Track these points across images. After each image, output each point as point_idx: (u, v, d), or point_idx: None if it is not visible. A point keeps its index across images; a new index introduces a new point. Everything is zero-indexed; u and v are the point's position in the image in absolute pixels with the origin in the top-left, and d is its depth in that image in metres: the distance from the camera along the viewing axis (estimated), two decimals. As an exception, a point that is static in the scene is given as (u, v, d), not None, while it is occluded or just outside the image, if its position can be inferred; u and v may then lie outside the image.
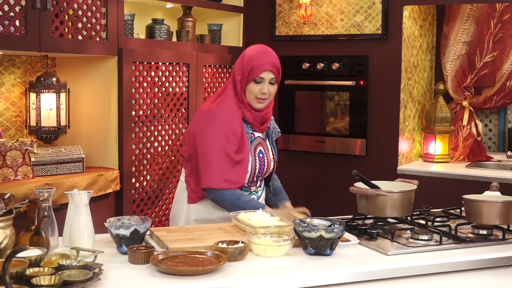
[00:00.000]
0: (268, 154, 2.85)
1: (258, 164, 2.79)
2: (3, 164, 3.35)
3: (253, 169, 2.76)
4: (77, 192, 2.15)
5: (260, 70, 2.71)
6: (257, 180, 2.83)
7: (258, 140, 2.83)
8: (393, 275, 2.09)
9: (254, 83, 2.72)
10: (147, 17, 4.30)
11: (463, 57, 4.68)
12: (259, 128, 2.82)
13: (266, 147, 2.86)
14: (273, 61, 2.75)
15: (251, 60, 2.74)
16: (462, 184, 4.11)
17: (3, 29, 3.18)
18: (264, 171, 2.83)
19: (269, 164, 2.85)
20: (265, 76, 2.72)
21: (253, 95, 2.73)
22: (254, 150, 2.78)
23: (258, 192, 2.87)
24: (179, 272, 1.90)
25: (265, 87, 2.72)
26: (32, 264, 1.84)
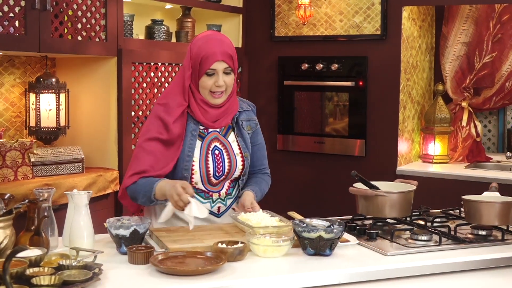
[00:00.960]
0: (230, 151, 2.55)
1: (212, 163, 2.50)
2: (2, 164, 3.35)
3: (204, 169, 2.49)
4: (77, 193, 2.16)
5: (211, 61, 2.43)
6: (219, 182, 2.54)
7: (212, 135, 2.55)
8: (392, 275, 2.09)
9: (206, 76, 2.45)
10: (147, 17, 4.30)
11: (462, 58, 4.69)
12: (213, 126, 2.54)
13: (228, 143, 2.56)
14: (225, 49, 2.45)
15: (200, 51, 2.45)
16: (461, 184, 4.11)
17: (3, 29, 3.18)
18: (225, 170, 2.53)
19: (233, 162, 2.54)
20: (218, 66, 2.44)
21: (207, 90, 2.46)
22: (208, 148, 2.52)
23: (226, 201, 2.57)
24: (178, 272, 1.90)
25: (219, 79, 2.44)
26: (32, 264, 1.84)
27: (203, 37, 2.51)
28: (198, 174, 2.49)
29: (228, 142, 2.57)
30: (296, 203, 2.87)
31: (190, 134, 2.51)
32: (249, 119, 2.66)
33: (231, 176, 2.57)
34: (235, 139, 2.59)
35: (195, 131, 2.52)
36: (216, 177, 2.52)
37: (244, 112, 2.65)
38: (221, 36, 2.53)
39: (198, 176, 2.50)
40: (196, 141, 2.51)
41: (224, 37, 2.53)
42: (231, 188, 2.60)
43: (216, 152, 2.53)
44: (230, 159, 2.55)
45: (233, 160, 2.55)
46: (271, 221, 2.36)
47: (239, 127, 2.61)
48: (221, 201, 2.57)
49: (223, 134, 2.58)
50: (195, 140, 2.51)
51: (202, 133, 2.54)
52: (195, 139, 2.51)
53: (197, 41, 2.50)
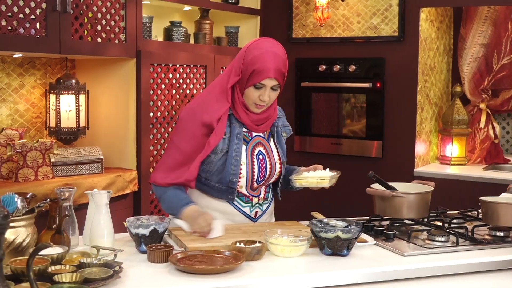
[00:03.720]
0: (272, 156, 2.55)
1: (257, 167, 2.49)
2: (23, 164, 3.40)
3: (250, 173, 2.48)
4: (98, 192, 2.19)
5: (262, 76, 2.38)
6: (258, 187, 2.55)
7: (256, 139, 2.53)
8: (409, 275, 2.09)
9: (253, 88, 2.40)
10: (165, 19, 4.34)
11: (480, 59, 4.67)
12: (257, 129, 2.52)
13: (270, 148, 2.56)
14: (279, 66, 2.39)
15: (254, 62, 2.39)
16: (479, 186, 4.10)
17: (24, 31, 3.23)
18: (266, 175, 2.53)
19: (274, 167, 2.54)
20: (267, 82, 2.39)
21: (252, 101, 2.43)
22: (252, 152, 2.50)
23: (263, 206, 2.58)
24: (197, 271, 1.92)
25: (265, 94, 2.40)
26: (53, 262, 1.88)
27: (260, 47, 2.42)
28: (245, 178, 2.48)
29: (270, 147, 2.57)
30: (313, 204, 2.89)
31: (236, 138, 2.46)
32: (284, 125, 2.66)
33: (269, 181, 2.58)
34: (275, 145, 2.59)
35: (240, 135, 2.48)
36: (258, 182, 2.52)
37: (280, 118, 2.65)
38: (277, 49, 2.43)
39: (245, 180, 2.48)
40: (241, 145, 2.48)
41: (280, 50, 2.44)
42: (267, 193, 2.60)
43: (260, 157, 2.52)
44: (271, 164, 2.54)
45: (273, 166, 2.55)
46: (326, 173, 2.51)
47: (278, 134, 2.60)
48: (259, 206, 2.57)
49: (266, 138, 2.57)
50: (240, 143, 2.47)
51: (247, 137, 2.51)
52: (241, 142, 2.48)
53: (253, 49, 2.42)
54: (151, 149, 3.95)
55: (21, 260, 1.85)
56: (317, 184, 2.50)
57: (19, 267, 1.78)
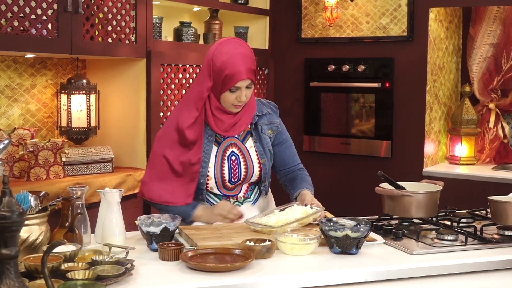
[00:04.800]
0: (247, 156, 2.57)
1: (228, 169, 2.53)
2: (35, 163, 3.44)
3: (219, 175, 2.52)
4: (109, 191, 2.21)
5: (235, 80, 2.42)
6: (235, 187, 2.58)
7: (229, 141, 2.57)
8: (418, 274, 2.11)
9: (229, 92, 2.45)
10: (175, 20, 4.37)
11: (490, 59, 4.67)
12: (230, 132, 2.56)
13: (245, 149, 2.58)
14: (249, 66, 2.44)
15: (224, 67, 2.43)
16: (488, 186, 4.10)
17: (36, 32, 3.26)
18: (241, 176, 2.55)
19: (250, 168, 2.56)
20: (241, 84, 2.44)
21: (230, 103, 2.48)
22: (223, 153, 2.54)
23: (245, 204, 2.61)
24: (208, 268, 1.94)
25: (242, 94, 2.46)
26: (66, 259, 1.91)
27: (225, 51, 2.45)
28: (213, 180, 2.54)
29: (246, 147, 2.59)
30: (322, 204, 2.88)
31: (206, 140, 2.53)
32: (270, 122, 2.65)
33: (248, 181, 2.60)
34: (252, 144, 2.60)
35: (211, 137, 2.54)
36: (231, 182, 2.56)
37: (265, 115, 2.64)
38: (243, 48, 2.47)
39: (213, 182, 2.55)
40: (212, 147, 2.54)
41: (246, 50, 2.48)
42: (249, 192, 2.64)
43: (232, 158, 2.55)
44: (247, 165, 2.57)
45: (250, 166, 2.57)
46: (294, 214, 2.41)
47: (257, 131, 2.61)
48: (239, 204, 2.61)
49: (241, 140, 2.60)
50: (211, 145, 2.54)
51: (219, 138, 2.56)
52: (211, 144, 2.54)
53: (220, 54, 2.45)
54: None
55: (34, 258, 1.88)
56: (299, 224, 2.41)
57: (33, 264, 1.81)
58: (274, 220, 2.38)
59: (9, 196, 1.42)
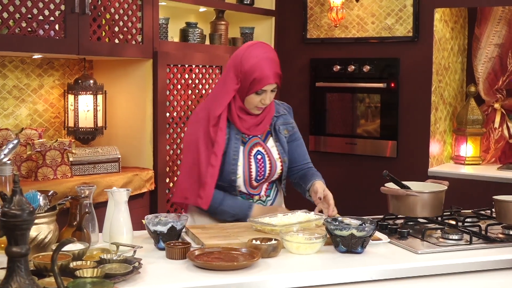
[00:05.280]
0: (271, 154, 2.66)
1: (255, 167, 2.61)
2: (42, 163, 3.46)
3: (247, 173, 2.59)
4: (117, 190, 2.23)
5: (263, 83, 2.51)
6: (258, 185, 2.65)
7: (254, 140, 2.65)
8: (423, 273, 2.12)
9: (255, 94, 2.54)
10: (181, 20, 4.39)
11: (495, 60, 4.68)
12: (254, 131, 2.64)
13: (267, 148, 2.66)
14: (276, 70, 2.54)
15: (253, 71, 2.51)
16: (494, 186, 4.11)
17: (44, 33, 3.29)
18: (266, 174, 2.64)
19: (273, 166, 2.65)
20: (268, 88, 2.53)
21: (253, 105, 2.57)
22: (249, 152, 2.61)
23: (266, 203, 2.68)
24: (215, 267, 1.96)
25: (266, 98, 2.55)
26: (75, 257, 1.93)
27: (255, 55, 2.53)
28: (241, 178, 2.59)
29: (268, 147, 2.67)
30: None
31: (234, 138, 2.60)
32: (285, 122, 2.74)
33: (270, 179, 2.67)
34: (274, 144, 2.69)
35: (238, 135, 2.61)
36: (257, 180, 2.63)
37: (281, 116, 2.74)
38: (271, 53, 2.56)
39: (242, 180, 2.60)
40: (239, 146, 2.61)
41: (273, 54, 2.57)
42: (268, 190, 2.70)
43: (258, 157, 2.63)
44: (271, 163, 2.64)
45: (274, 164, 2.65)
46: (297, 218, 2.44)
47: (276, 132, 2.70)
48: (262, 203, 2.67)
49: (263, 140, 2.68)
50: (239, 143, 2.60)
51: (244, 138, 2.63)
52: (239, 142, 2.61)
53: (249, 58, 2.53)
54: (167, 149, 4.00)
55: (43, 256, 1.91)
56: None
57: (42, 263, 1.84)
58: (277, 221, 2.41)
59: (19, 195, 1.44)
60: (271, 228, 2.34)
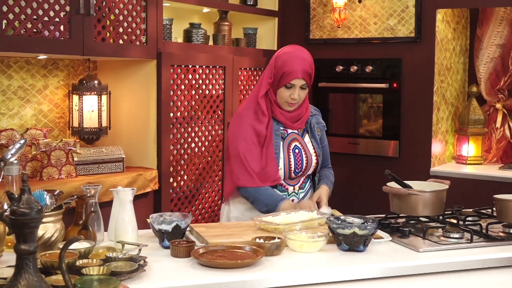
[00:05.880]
0: (307, 149, 2.85)
1: (294, 160, 2.80)
2: (47, 163, 3.50)
3: (287, 166, 2.78)
4: (122, 189, 2.26)
5: (291, 77, 2.73)
6: (296, 178, 2.84)
7: (292, 136, 2.85)
8: (424, 271, 2.15)
9: (284, 88, 2.76)
10: (185, 21, 4.42)
11: (497, 60, 4.70)
12: (292, 126, 2.85)
13: (304, 143, 2.87)
14: (306, 68, 2.75)
15: (284, 65, 2.74)
16: (495, 185, 4.12)
17: (49, 34, 3.32)
18: (303, 167, 2.83)
19: (309, 159, 2.85)
20: (296, 82, 2.74)
21: (284, 100, 2.78)
22: (288, 147, 2.81)
23: (299, 194, 2.86)
24: (219, 265, 1.99)
25: (295, 92, 2.75)
26: (81, 256, 1.96)
27: (289, 52, 2.78)
28: (282, 170, 2.78)
29: (305, 142, 2.88)
30: (331, 203, 2.93)
31: (274, 134, 2.80)
32: (318, 122, 2.97)
33: (307, 172, 2.87)
34: (309, 140, 2.90)
35: (278, 131, 2.81)
36: (295, 173, 2.82)
37: (314, 116, 2.96)
38: (303, 53, 2.79)
39: (282, 172, 2.78)
40: (280, 141, 2.81)
41: (306, 55, 2.80)
42: (304, 183, 2.90)
43: (296, 151, 2.83)
44: (307, 157, 2.85)
45: (310, 158, 2.86)
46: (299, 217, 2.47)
47: (312, 130, 2.91)
48: (295, 195, 2.86)
49: (300, 135, 2.89)
50: (279, 140, 2.81)
51: (283, 134, 2.83)
52: (279, 138, 2.81)
53: (283, 55, 2.77)
54: (171, 149, 4.03)
55: (50, 254, 1.93)
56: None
57: (49, 261, 1.87)
58: (280, 220, 2.43)
59: (28, 194, 1.47)
60: (274, 227, 2.37)
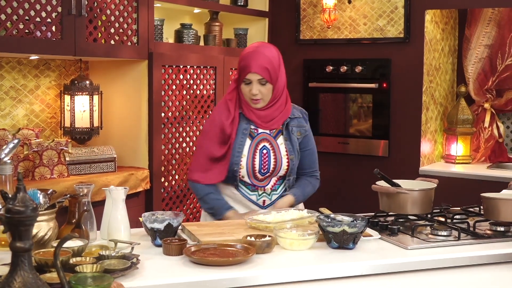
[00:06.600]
0: (278, 151, 2.77)
1: (259, 161, 2.75)
2: (39, 163, 3.51)
3: (251, 165, 2.74)
4: (115, 188, 2.29)
5: (246, 72, 2.69)
6: (265, 178, 2.78)
7: (262, 136, 2.79)
8: (412, 268, 2.18)
9: (244, 84, 2.72)
10: (176, 22, 4.44)
11: (485, 60, 4.75)
12: (264, 126, 2.79)
13: (276, 144, 2.78)
14: (261, 62, 2.68)
15: (241, 61, 2.74)
16: (483, 184, 4.17)
17: (41, 34, 3.34)
18: (271, 168, 2.76)
19: (279, 161, 2.77)
20: (252, 77, 2.69)
21: (247, 96, 2.74)
22: (256, 146, 2.76)
23: (271, 195, 2.80)
24: (210, 262, 2.02)
25: (253, 88, 2.69)
26: (74, 254, 1.98)
27: (249, 48, 2.76)
28: (245, 169, 2.75)
29: (277, 144, 2.80)
30: (321, 201, 2.96)
31: (241, 133, 2.76)
32: (299, 125, 2.88)
33: (276, 174, 2.80)
34: (283, 142, 2.81)
35: (246, 130, 2.77)
36: (261, 173, 2.77)
37: (296, 119, 2.87)
38: (265, 49, 2.73)
39: (245, 171, 2.75)
40: (246, 140, 2.77)
41: (268, 51, 2.73)
42: (277, 185, 2.83)
43: (263, 151, 2.77)
44: (276, 159, 2.78)
45: (279, 160, 2.78)
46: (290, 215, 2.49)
47: (288, 132, 2.83)
48: (267, 195, 2.81)
49: (273, 136, 2.81)
50: (245, 138, 2.77)
51: (253, 133, 2.79)
52: (245, 137, 2.77)
53: (244, 52, 2.76)
54: (163, 148, 4.06)
55: (44, 252, 1.96)
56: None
57: (43, 259, 1.89)
58: (271, 219, 2.46)
59: (23, 192, 1.50)
60: (265, 225, 2.40)
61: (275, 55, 2.74)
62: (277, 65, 2.72)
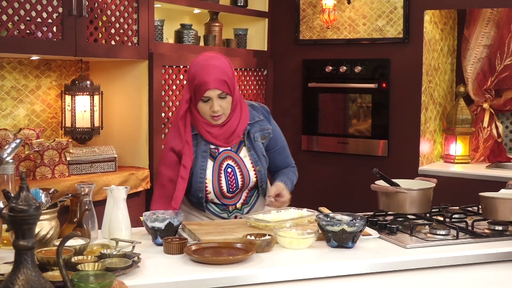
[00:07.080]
0: (243, 166, 2.66)
1: (225, 181, 2.63)
2: (40, 163, 3.53)
3: (217, 188, 2.62)
4: (116, 188, 2.31)
5: (203, 90, 2.50)
6: (235, 196, 2.68)
7: (224, 154, 2.66)
8: (411, 266, 2.20)
9: (202, 102, 2.54)
10: (176, 22, 4.46)
11: (484, 60, 4.77)
12: (224, 145, 2.65)
13: (240, 159, 2.66)
14: (218, 76, 2.50)
15: (194, 78, 2.52)
16: (482, 184, 4.18)
17: (42, 35, 3.35)
18: (239, 185, 2.66)
19: (246, 177, 2.66)
20: (211, 94, 2.51)
21: (207, 114, 2.56)
22: (220, 167, 2.63)
23: (243, 210, 2.72)
24: (211, 261, 2.04)
25: (214, 105, 2.51)
26: (76, 252, 2.00)
27: (198, 62, 2.55)
28: (212, 193, 2.64)
29: (240, 158, 2.68)
30: (320, 202, 2.98)
31: (200, 156, 2.62)
32: (262, 129, 2.72)
33: (246, 188, 2.71)
34: (246, 154, 2.69)
35: (205, 152, 2.63)
36: (230, 192, 2.67)
37: (256, 123, 2.71)
38: (215, 60, 2.54)
39: (213, 194, 2.65)
40: (207, 162, 2.63)
41: (218, 61, 2.54)
42: (248, 198, 2.75)
43: (228, 170, 2.64)
44: (243, 174, 2.66)
45: (246, 175, 2.67)
46: (290, 215, 2.51)
47: (250, 140, 2.69)
48: (238, 211, 2.73)
49: (235, 151, 2.68)
50: (206, 161, 2.62)
51: (214, 153, 2.66)
52: (206, 160, 2.62)
53: (194, 66, 2.55)
54: (163, 148, 4.06)
55: (46, 251, 1.97)
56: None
57: (45, 257, 1.91)
58: (270, 218, 2.48)
59: (26, 191, 1.52)
60: (265, 224, 2.42)
61: (227, 64, 2.58)
62: (232, 75, 2.57)
